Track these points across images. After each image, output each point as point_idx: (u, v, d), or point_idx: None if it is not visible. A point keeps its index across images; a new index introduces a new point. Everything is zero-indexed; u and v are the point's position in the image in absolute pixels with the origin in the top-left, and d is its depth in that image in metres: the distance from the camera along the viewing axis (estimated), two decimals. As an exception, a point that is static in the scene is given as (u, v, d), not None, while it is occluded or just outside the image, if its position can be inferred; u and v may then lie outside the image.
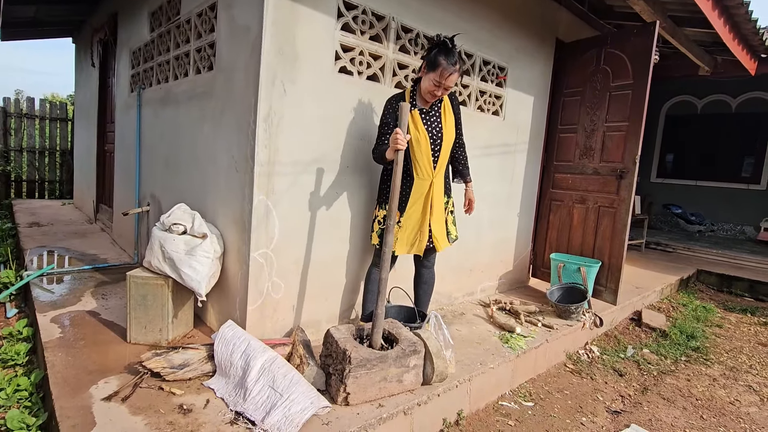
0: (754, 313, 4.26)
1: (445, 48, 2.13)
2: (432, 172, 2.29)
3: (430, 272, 2.56)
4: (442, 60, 2.10)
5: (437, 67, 2.12)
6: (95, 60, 5.42)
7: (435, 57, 2.13)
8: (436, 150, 2.29)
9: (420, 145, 2.24)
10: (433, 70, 2.14)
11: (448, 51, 2.12)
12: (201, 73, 2.70)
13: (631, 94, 3.35)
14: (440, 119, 2.31)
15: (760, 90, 7.31)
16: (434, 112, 2.31)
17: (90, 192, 5.73)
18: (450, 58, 2.11)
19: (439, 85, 2.15)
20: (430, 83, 2.17)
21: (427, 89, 2.19)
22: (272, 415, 1.62)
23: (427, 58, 2.18)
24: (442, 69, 2.11)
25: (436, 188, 2.31)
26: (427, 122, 2.29)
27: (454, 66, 2.12)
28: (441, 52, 2.12)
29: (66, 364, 1.97)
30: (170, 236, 2.24)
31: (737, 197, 7.69)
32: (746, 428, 2.30)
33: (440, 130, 2.30)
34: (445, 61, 2.10)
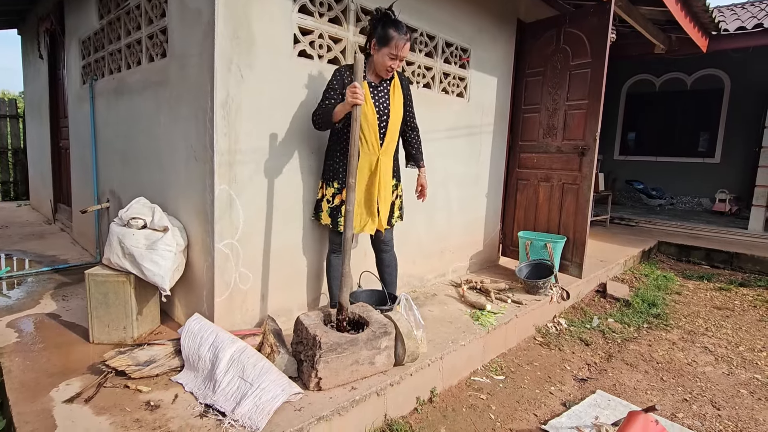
0: (710, 279, 4.49)
1: (390, 20, 2.14)
2: (378, 148, 2.28)
3: (390, 255, 2.54)
4: (393, 32, 2.11)
5: (390, 40, 2.12)
6: (43, 52, 5.14)
7: (384, 31, 2.13)
8: (383, 126, 2.28)
9: (367, 119, 2.22)
10: (385, 44, 2.13)
11: (395, 22, 2.14)
12: (154, 60, 2.60)
13: (590, 73, 3.42)
14: (388, 96, 2.30)
15: (712, 67, 7.60)
16: (383, 88, 2.31)
17: (47, 191, 5.47)
18: (399, 29, 2.13)
19: (395, 57, 2.15)
20: (385, 58, 2.16)
21: (383, 65, 2.18)
22: (243, 405, 1.61)
23: (375, 33, 2.17)
24: (396, 41, 2.12)
25: (383, 167, 2.29)
26: (375, 97, 2.27)
27: (405, 35, 2.13)
28: (389, 24, 2.13)
29: (24, 368, 1.89)
30: (129, 231, 2.16)
31: (694, 171, 8.04)
32: (702, 386, 2.44)
33: (388, 106, 2.29)
34: (396, 33, 2.12)
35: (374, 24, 2.18)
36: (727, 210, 7.30)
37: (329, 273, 2.43)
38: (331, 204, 2.32)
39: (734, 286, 4.25)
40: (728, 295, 4.05)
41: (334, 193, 2.32)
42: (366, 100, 2.21)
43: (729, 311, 3.62)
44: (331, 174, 2.32)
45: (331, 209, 2.33)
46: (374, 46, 2.19)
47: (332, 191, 2.32)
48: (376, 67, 2.23)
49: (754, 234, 5.80)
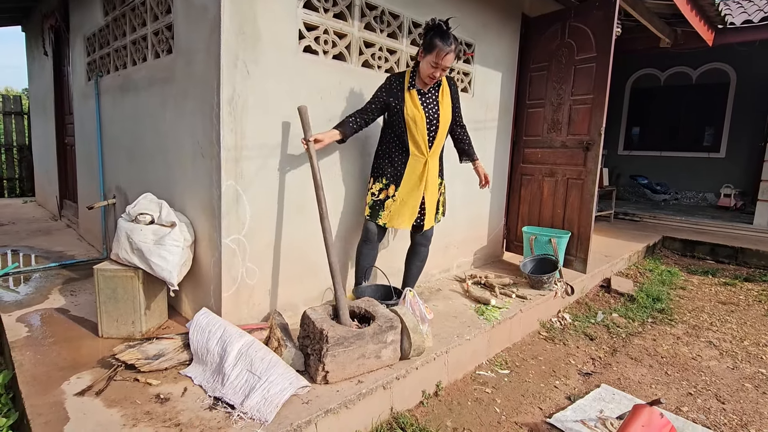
0: (714, 274, 4.49)
1: (439, 30, 2.21)
2: (427, 151, 2.41)
3: (426, 250, 2.67)
4: (438, 42, 2.19)
5: (434, 48, 2.20)
6: (48, 48, 5.15)
7: (431, 40, 2.21)
8: (432, 130, 2.39)
9: (416, 125, 2.34)
10: (429, 52, 2.22)
11: (443, 33, 2.20)
12: (160, 57, 2.60)
13: (595, 67, 3.41)
14: (437, 101, 2.40)
15: (718, 61, 7.55)
16: (431, 95, 2.40)
17: (52, 188, 5.50)
18: (445, 39, 2.19)
19: (437, 66, 2.22)
20: (428, 66, 2.25)
21: (426, 72, 2.27)
22: (251, 398, 1.63)
23: (423, 42, 2.26)
24: (438, 50, 2.19)
25: (431, 167, 2.44)
26: (425, 103, 2.37)
27: (449, 46, 2.19)
28: (436, 35, 2.21)
29: (35, 362, 1.92)
30: (137, 227, 2.18)
31: (699, 166, 8.00)
32: (707, 380, 2.44)
33: (437, 112, 2.39)
34: (441, 43, 2.18)
35: (425, 33, 2.27)
36: (732, 205, 7.26)
37: (358, 260, 2.54)
38: (376, 197, 2.46)
39: (739, 281, 4.25)
40: (733, 290, 4.04)
41: (380, 188, 2.46)
42: (416, 107, 2.34)
43: (734, 306, 3.62)
44: (379, 172, 2.48)
45: (374, 201, 2.46)
46: (421, 53, 2.28)
47: (379, 186, 2.46)
48: (421, 74, 2.32)
49: (760, 229, 5.78)
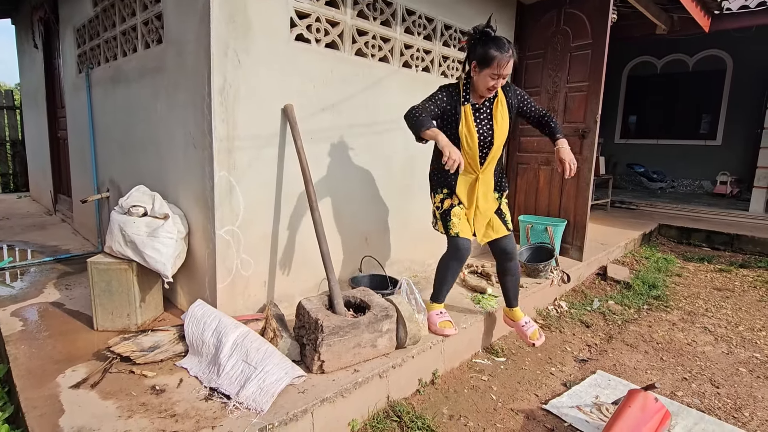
0: (710, 261, 4.50)
1: (490, 39, 2.02)
2: (478, 169, 2.23)
3: (513, 264, 2.39)
4: (494, 52, 1.99)
5: (492, 61, 2.00)
6: (37, 41, 5.08)
7: (485, 52, 2.01)
8: (485, 148, 2.19)
9: (469, 144, 2.16)
10: (486, 65, 2.02)
11: (495, 40, 2.01)
12: (150, 47, 2.57)
13: (590, 54, 3.39)
14: (492, 116, 2.19)
15: (715, 48, 7.52)
16: (485, 109, 2.20)
17: (46, 182, 5.47)
18: (501, 47, 2.00)
19: (498, 76, 2.04)
20: (486, 79, 2.05)
21: (485, 85, 2.08)
22: (247, 388, 1.63)
23: (475, 55, 2.06)
24: (498, 61, 1.99)
25: (482, 184, 2.26)
26: (478, 120, 2.18)
27: (507, 52, 2.00)
28: (490, 45, 2.01)
29: (30, 355, 1.91)
30: (130, 219, 2.17)
31: (696, 154, 8.01)
32: (702, 365, 2.46)
33: (491, 129, 2.18)
34: (499, 53, 1.99)
35: (473, 44, 2.08)
36: (728, 192, 7.28)
37: (444, 275, 2.31)
38: (440, 210, 2.29)
39: (734, 268, 4.26)
40: (728, 276, 4.06)
41: (442, 198, 2.30)
42: (469, 125, 2.16)
43: (729, 292, 3.64)
44: (436, 184, 2.34)
45: (441, 215, 2.29)
46: (474, 68, 2.09)
47: (440, 197, 2.30)
48: (477, 89, 2.13)
49: (755, 215, 5.79)
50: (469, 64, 2.14)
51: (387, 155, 2.92)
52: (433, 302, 2.39)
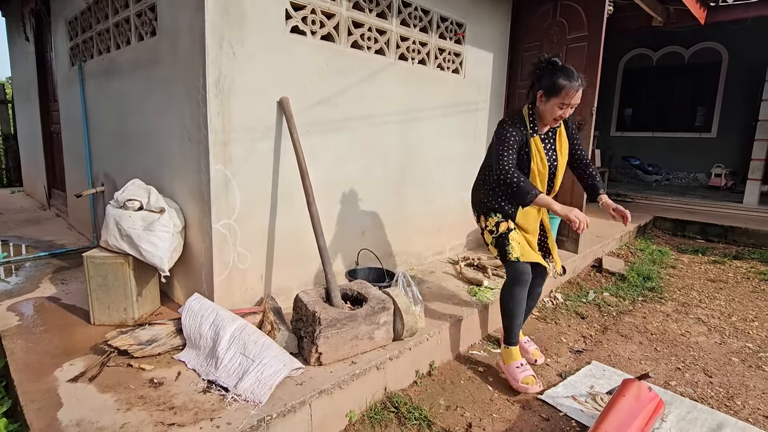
0: (704, 253, 4.54)
1: (558, 68, 1.97)
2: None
3: (540, 290, 2.39)
4: (563, 81, 1.93)
5: (560, 90, 1.94)
6: (29, 34, 5.02)
7: (553, 81, 1.95)
8: (552, 176, 2.17)
9: (540, 173, 2.10)
10: (555, 95, 1.96)
11: (563, 69, 1.96)
12: (144, 39, 2.54)
13: (586, 46, 3.38)
14: (555, 146, 2.16)
15: (710, 40, 7.52)
16: (549, 139, 2.15)
17: (40, 177, 5.42)
18: (570, 76, 1.94)
19: (566, 105, 1.98)
20: (554, 108, 1.99)
21: (552, 115, 2.01)
22: (245, 380, 1.64)
23: (541, 84, 2.00)
24: (566, 90, 1.94)
25: (545, 213, 2.27)
26: (546, 147, 2.13)
27: (576, 81, 1.94)
28: (557, 74, 1.95)
29: (27, 350, 1.91)
30: (126, 213, 2.16)
31: (691, 146, 8.03)
32: (695, 355, 2.49)
33: (556, 159, 2.15)
34: (568, 82, 1.93)
35: (539, 74, 2.02)
36: (722, 185, 7.33)
37: (510, 306, 2.16)
38: (496, 234, 2.16)
39: (728, 259, 4.30)
40: (722, 267, 4.10)
41: (497, 222, 2.17)
42: (542, 158, 2.08)
43: (723, 283, 3.67)
44: (489, 209, 2.21)
45: (495, 239, 2.17)
46: (541, 97, 2.02)
47: (495, 220, 2.18)
48: (544, 119, 2.07)
49: (749, 208, 5.84)
50: (534, 94, 2.05)
51: (383, 148, 2.91)
52: (509, 345, 2.17)
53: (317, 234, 2.22)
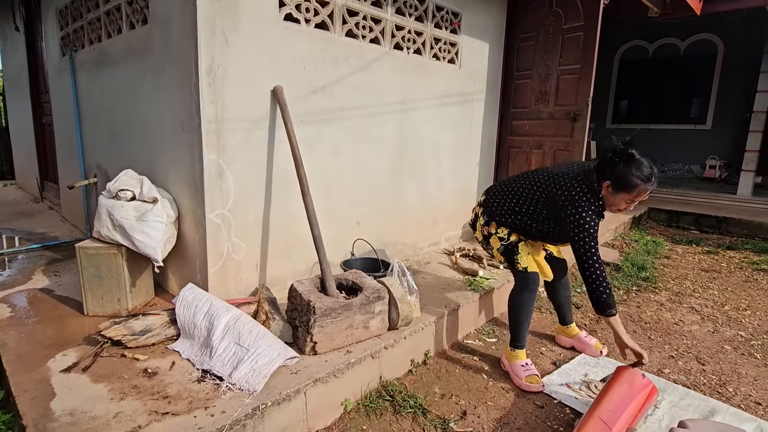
0: (698, 243, 4.57)
1: (633, 162, 1.81)
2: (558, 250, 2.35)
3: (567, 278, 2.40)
4: (638, 181, 1.81)
5: (632, 189, 1.83)
6: (19, 23, 4.94)
7: (626, 177, 1.81)
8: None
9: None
10: (626, 191, 1.84)
11: (639, 165, 1.81)
12: (135, 28, 2.51)
13: (582, 36, 3.37)
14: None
15: (706, 32, 7.52)
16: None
17: (32, 169, 5.37)
18: (646, 177, 1.81)
19: (633, 201, 1.90)
20: (620, 202, 1.89)
21: (617, 207, 1.92)
22: (240, 369, 1.63)
23: (610, 176, 1.84)
24: (639, 190, 1.83)
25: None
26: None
27: (650, 181, 1.82)
28: (631, 170, 1.81)
29: (19, 341, 1.90)
30: (118, 203, 2.14)
31: (686, 138, 8.06)
32: (688, 343, 2.51)
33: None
34: (642, 182, 1.82)
35: (611, 162, 1.85)
36: (717, 176, 7.36)
37: (519, 311, 2.13)
38: (506, 241, 2.14)
39: (722, 250, 4.33)
40: (716, 258, 4.13)
41: (509, 231, 2.15)
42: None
43: (716, 273, 3.70)
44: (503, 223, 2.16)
45: (505, 246, 2.15)
46: (608, 188, 1.87)
47: (506, 230, 2.15)
48: (606, 205, 1.94)
49: (743, 199, 5.87)
50: (600, 181, 1.89)
51: (378, 139, 2.90)
52: (515, 348, 2.15)
53: (312, 224, 2.21)
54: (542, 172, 2.09)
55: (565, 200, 1.91)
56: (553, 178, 2.00)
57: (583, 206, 1.87)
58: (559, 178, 1.98)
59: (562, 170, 2.02)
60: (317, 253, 2.17)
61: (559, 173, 2.01)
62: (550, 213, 2.01)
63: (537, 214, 2.05)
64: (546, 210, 2.02)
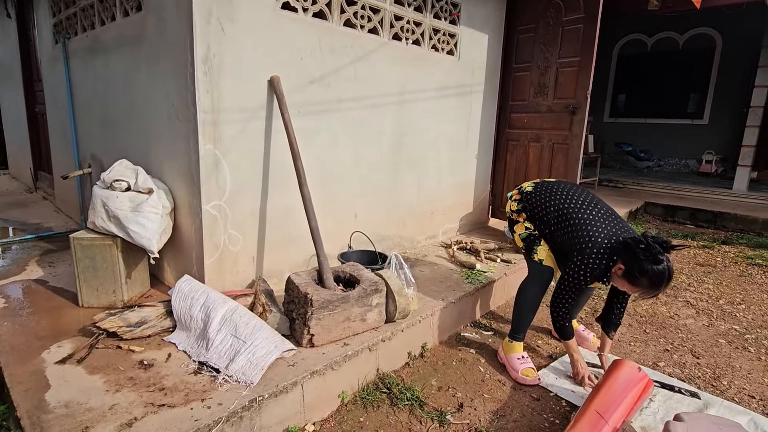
0: (694, 238, 4.59)
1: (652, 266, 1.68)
2: None
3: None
4: (646, 284, 1.72)
5: (638, 286, 1.76)
6: (10, 10, 4.85)
7: (639, 275, 1.71)
8: None
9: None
10: (631, 284, 1.77)
11: (657, 274, 1.68)
12: (129, 15, 2.46)
13: (582, 28, 3.34)
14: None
15: (705, 26, 7.49)
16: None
17: (26, 159, 5.31)
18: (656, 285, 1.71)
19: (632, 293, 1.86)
20: (624, 287, 1.84)
21: (620, 287, 1.87)
22: (236, 362, 1.62)
23: (625, 262, 1.76)
24: (642, 291, 1.77)
25: None
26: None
27: (657, 291, 1.74)
28: (647, 272, 1.69)
29: (13, 332, 1.88)
30: (113, 194, 2.11)
31: (682, 132, 8.06)
32: (683, 337, 2.53)
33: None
34: (648, 288, 1.74)
35: (631, 250, 1.73)
36: (713, 171, 7.38)
37: (525, 303, 2.15)
38: (530, 231, 2.15)
39: (717, 244, 4.35)
40: (711, 252, 4.15)
41: (535, 228, 2.15)
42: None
43: (711, 267, 3.72)
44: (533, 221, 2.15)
45: (528, 236, 2.15)
46: (618, 269, 1.80)
47: (533, 226, 2.15)
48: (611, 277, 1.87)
49: (739, 194, 5.90)
50: (613, 261, 1.82)
51: (376, 130, 2.87)
52: (513, 340, 2.16)
53: (309, 216, 2.19)
54: (584, 210, 1.98)
55: (578, 254, 1.89)
56: (586, 226, 1.92)
57: (586, 265, 1.86)
58: (589, 233, 1.89)
59: (599, 225, 1.91)
60: (314, 246, 2.15)
61: (594, 226, 1.91)
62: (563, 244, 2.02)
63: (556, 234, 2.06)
64: (561, 239, 2.03)
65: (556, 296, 1.98)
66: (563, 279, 1.95)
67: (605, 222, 1.93)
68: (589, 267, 1.86)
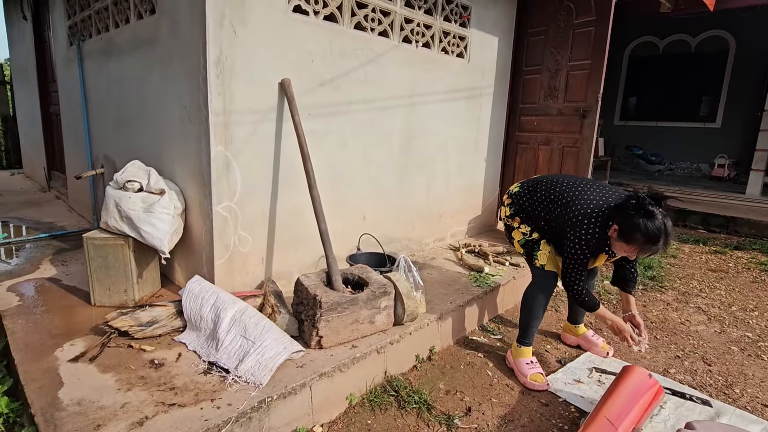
0: (705, 243, 4.53)
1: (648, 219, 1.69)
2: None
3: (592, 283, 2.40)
4: (641, 239, 1.72)
5: (633, 243, 1.75)
6: (26, 12, 4.94)
7: (632, 230, 1.71)
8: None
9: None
10: (627, 242, 1.77)
11: (650, 226, 1.68)
12: (143, 17, 2.49)
13: (594, 31, 3.32)
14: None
15: (718, 28, 7.41)
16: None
17: (39, 159, 5.39)
18: (653, 240, 1.70)
19: (632, 254, 1.84)
20: (621, 249, 1.84)
21: (618, 251, 1.86)
22: (246, 362, 1.64)
23: (619, 221, 1.76)
24: (639, 248, 1.76)
25: None
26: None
27: (655, 245, 1.72)
28: (639, 227, 1.69)
29: (27, 330, 1.91)
30: (125, 194, 2.14)
31: (694, 136, 7.97)
32: (695, 344, 2.49)
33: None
34: (644, 243, 1.72)
35: (627, 210, 1.74)
36: (725, 175, 7.29)
37: (532, 309, 2.13)
38: (528, 237, 2.15)
39: (729, 250, 4.30)
40: (723, 258, 4.09)
41: (531, 229, 2.14)
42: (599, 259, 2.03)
43: (723, 273, 3.67)
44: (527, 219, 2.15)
45: (527, 241, 2.15)
46: (614, 231, 1.80)
47: (528, 228, 2.15)
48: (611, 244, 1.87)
49: (752, 198, 5.81)
50: (608, 226, 1.83)
51: (386, 133, 2.88)
52: (521, 344, 2.15)
53: (318, 218, 2.20)
54: (569, 189, 2.00)
55: (570, 228, 1.91)
56: (573, 202, 1.94)
57: (581, 237, 1.86)
58: (577, 207, 1.91)
59: (585, 197, 1.92)
60: (323, 247, 2.16)
61: (580, 200, 1.92)
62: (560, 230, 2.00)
63: (552, 224, 2.06)
64: (555, 223, 2.03)
65: (564, 277, 1.97)
66: (564, 258, 1.94)
67: (592, 193, 1.94)
68: (584, 238, 1.86)
